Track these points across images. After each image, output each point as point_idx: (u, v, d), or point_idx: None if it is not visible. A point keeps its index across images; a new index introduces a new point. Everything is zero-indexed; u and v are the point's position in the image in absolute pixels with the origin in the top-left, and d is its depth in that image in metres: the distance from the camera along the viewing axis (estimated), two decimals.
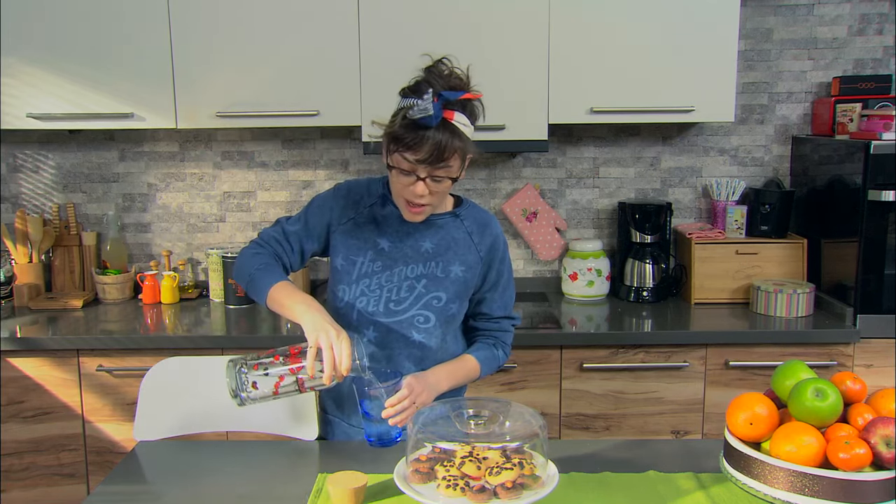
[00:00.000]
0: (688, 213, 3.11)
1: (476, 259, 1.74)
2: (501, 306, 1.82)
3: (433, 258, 1.71)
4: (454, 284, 1.71)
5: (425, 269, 1.70)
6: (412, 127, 1.54)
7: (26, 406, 2.57)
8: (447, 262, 1.71)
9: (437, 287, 1.70)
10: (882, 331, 2.54)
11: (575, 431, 2.59)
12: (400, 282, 1.69)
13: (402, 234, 1.71)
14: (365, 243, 1.71)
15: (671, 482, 1.57)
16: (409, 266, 1.70)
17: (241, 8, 2.61)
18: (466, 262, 1.73)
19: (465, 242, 1.74)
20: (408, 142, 1.54)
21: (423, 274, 1.70)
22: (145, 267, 3.13)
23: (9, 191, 3.10)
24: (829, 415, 1.45)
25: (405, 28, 2.61)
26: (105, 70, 2.65)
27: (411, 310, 1.70)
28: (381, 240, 1.70)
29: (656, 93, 2.65)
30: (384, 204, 1.73)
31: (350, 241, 1.72)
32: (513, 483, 1.36)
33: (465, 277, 1.73)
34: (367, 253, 1.70)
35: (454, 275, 1.71)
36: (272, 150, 3.07)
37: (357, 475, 1.50)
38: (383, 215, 1.72)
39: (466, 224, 1.76)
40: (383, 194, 1.74)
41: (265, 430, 2.00)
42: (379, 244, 1.70)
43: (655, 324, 2.65)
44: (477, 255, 1.75)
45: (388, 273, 1.70)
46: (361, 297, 1.70)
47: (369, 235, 1.71)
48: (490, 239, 1.76)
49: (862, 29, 2.96)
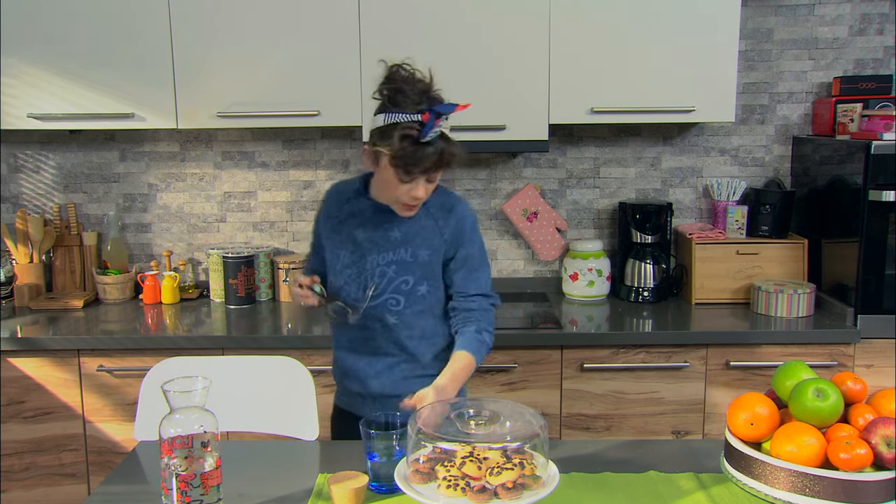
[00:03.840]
0: (688, 214, 3.11)
1: (440, 241, 1.84)
2: (475, 284, 1.88)
3: (402, 245, 1.82)
4: (421, 267, 1.82)
5: (395, 255, 1.81)
6: (412, 144, 1.62)
7: (27, 406, 2.58)
8: (415, 248, 1.82)
9: (406, 272, 1.82)
10: (882, 331, 2.54)
11: (575, 431, 2.59)
12: (373, 269, 1.82)
13: (374, 225, 1.83)
14: (346, 237, 1.85)
15: (671, 482, 1.57)
16: (381, 254, 1.82)
17: (241, 8, 2.61)
18: (432, 245, 1.83)
19: (431, 227, 1.84)
20: (411, 160, 1.63)
21: (394, 260, 1.81)
22: (146, 267, 3.13)
23: (9, 191, 3.10)
24: (830, 415, 1.45)
25: (405, 28, 2.61)
26: (106, 70, 2.65)
27: (384, 294, 1.82)
28: (356, 231, 1.84)
29: (657, 93, 2.65)
30: (358, 197, 1.86)
31: (335, 236, 1.88)
32: (513, 483, 1.36)
33: (431, 260, 1.83)
34: (348, 245, 1.84)
35: (421, 258, 1.82)
36: (273, 151, 3.07)
37: (357, 475, 1.50)
38: (360, 209, 1.85)
39: (432, 210, 1.85)
40: (358, 189, 1.87)
41: (265, 430, 2.00)
42: (355, 236, 1.84)
43: (656, 324, 2.65)
44: (441, 237, 1.84)
45: (363, 261, 1.83)
46: (345, 286, 1.85)
47: (349, 230, 1.85)
48: (454, 221, 1.84)
49: (862, 29, 2.96)
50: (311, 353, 2.52)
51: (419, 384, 1.74)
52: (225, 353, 2.52)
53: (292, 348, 2.51)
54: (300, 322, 2.70)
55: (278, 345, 2.53)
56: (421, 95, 1.65)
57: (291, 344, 2.52)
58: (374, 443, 1.52)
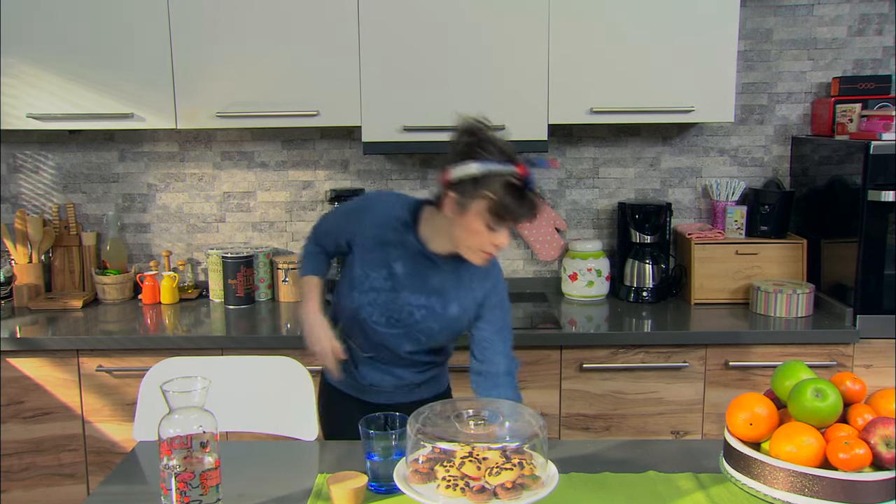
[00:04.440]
0: (688, 214, 3.11)
1: (472, 303, 1.84)
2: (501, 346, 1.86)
3: (436, 293, 1.81)
4: (448, 320, 1.83)
5: (427, 301, 1.81)
6: (515, 194, 1.60)
7: (26, 406, 2.57)
8: (448, 301, 1.81)
9: (433, 319, 1.82)
10: (882, 331, 2.54)
11: (575, 432, 2.59)
12: (402, 306, 1.81)
13: (415, 265, 1.80)
14: (382, 262, 1.81)
15: (671, 482, 1.57)
16: (415, 295, 1.81)
17: (240, 8, 2.61)
18: (464, 304, 1.83)
19: (467, 287, 1.83)
20: (511, 209, 1.61)
21: (424, 305, 1.81)
22: (145, 267, 3.13)
23: (9, 191, 3.10)
24: (829, 415, 1.45)
25: (405, 28, 2.61)
26: (105, 70, 2.65)
27: (407, 329, 1.84)
28: (396, 264, 1.80)
29: (656, 93, 2.65)
30: (406, 231, 1.80)
31: (369, 255, 1.83)
32: (513, 483, 1.36)
33: (460, 316, 1.84)
34: (382, 271, 1.81)
35: (450, 312, 1.82)
36: (272, 151, 3.07)
37: (357, 475, 1.50)
38: (403, 242, 1.80)
39: (471, 268, 1.82)
40: (407, 222, 1.81)
41: (264, 431, 2.00)
42: (394, 267, 1.81)
43: (655, 324, 2.65)
44: (474, 300, 1.83)
45: (394, 294, 1.81)
46: (367, 307, 1.82)
47: (386, 256, 1.81)
48: (489, 284, 1.84)
49: (861, 29, 2.97)
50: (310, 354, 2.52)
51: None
52: (224, 354, 2.52)
53: (292, 348, 2.51)
54: (299, 322, 2.69)
55: (277, 345, 2.53)
56: (502, 143, 1.64)
57: (291, 344, 2.52)
58: (374, 443, 1.52)
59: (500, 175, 1.60)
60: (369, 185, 3.07)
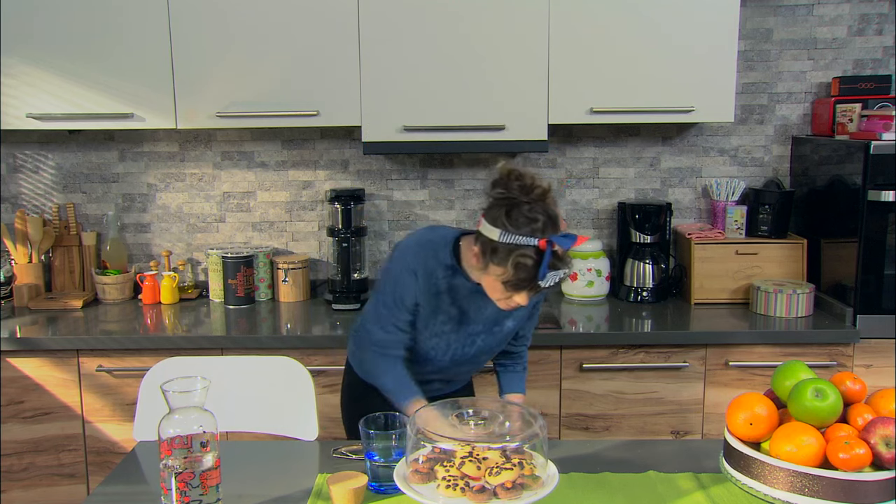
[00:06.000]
0: (687, 214, 3.11)
1: (524, 312, 1.95)
2: (530, 335, 2.08)
3: (492, 318, 1.90)
4: (505, 335, 1.96)
5: (484, 327, 1.90)
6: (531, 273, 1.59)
7: (26, 406, 2.57)
8: (504, 321, 1.91)
9: (493, 341, 1.94)
10: (882, 331, 2.54)
11: (575, 431, 2.59)
12: (464, 338, 1.91)
13: (471, 302, 1.86)
14: (439, 308, 1.86)
15: (671, 482, 1.57)
16: (472, 325, 1.89)
17: (241, 8, 2.61)
18: (518, 317, 1.94)
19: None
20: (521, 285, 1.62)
21: (482, 331, 1.91)
22: (145, 267, 3.13)
23: (9, 191, 3.10)
24: (829, 415, 1.45)
25: (405, 28, 2.61)
26: (105, 70, 2.65)
27: (470, 359, 1.96)
28: (452, 307, 1.86)
29: (656, 93, 2.65)
30: (454, 275, 1.83)
31: (432, 301, 1.85)
32: (513, 483, 1.36)
33: (516, 327, 1.97)
34: (440, 316, 1.87)
35: (507, 328, 1.93)
36: (272, 151, 3.07)
37: (357, 475, 1.50)
38: (454, 284, 1.84)
39: None
40: (451, 265, 1.82)
41: (264, 430, 2.00)
42: (451, 311, 1.87)
43: (655, 324, 2.65)
44: (525, 309, 1.92)
45: (455, 334, 1.89)
46: (432, 350, 1.91)
47: (443, 302, 1.85)
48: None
49: (861, 29, 2.97)
50: (310, 353, 2.53)
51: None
52: (224, 354, 2.52)
53: (292, 348, 2.51)
54: (300, 322, 2.70)
55: (278, 345, 2.53)
56: (536, 209, 1.60)
57: (291, 344, 2.52)
58: (374, 443, 1.52)
59: (515, 250, 1.58)
60: (369, 185, 3.07)
